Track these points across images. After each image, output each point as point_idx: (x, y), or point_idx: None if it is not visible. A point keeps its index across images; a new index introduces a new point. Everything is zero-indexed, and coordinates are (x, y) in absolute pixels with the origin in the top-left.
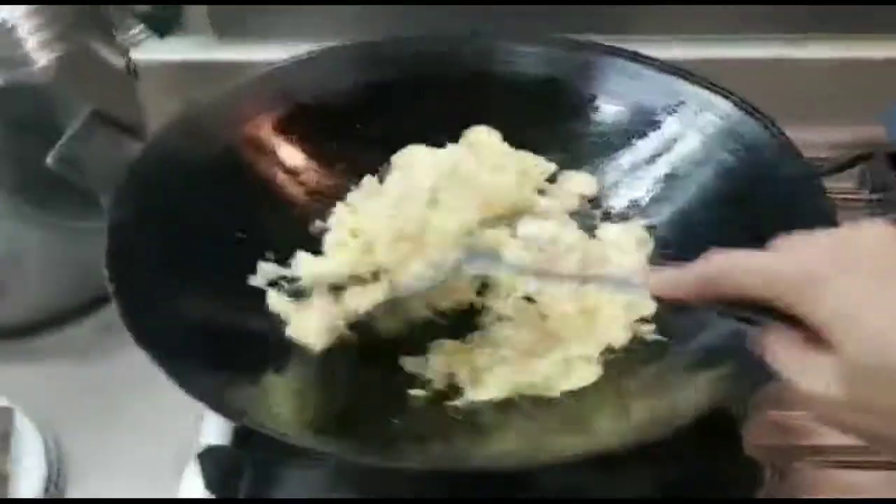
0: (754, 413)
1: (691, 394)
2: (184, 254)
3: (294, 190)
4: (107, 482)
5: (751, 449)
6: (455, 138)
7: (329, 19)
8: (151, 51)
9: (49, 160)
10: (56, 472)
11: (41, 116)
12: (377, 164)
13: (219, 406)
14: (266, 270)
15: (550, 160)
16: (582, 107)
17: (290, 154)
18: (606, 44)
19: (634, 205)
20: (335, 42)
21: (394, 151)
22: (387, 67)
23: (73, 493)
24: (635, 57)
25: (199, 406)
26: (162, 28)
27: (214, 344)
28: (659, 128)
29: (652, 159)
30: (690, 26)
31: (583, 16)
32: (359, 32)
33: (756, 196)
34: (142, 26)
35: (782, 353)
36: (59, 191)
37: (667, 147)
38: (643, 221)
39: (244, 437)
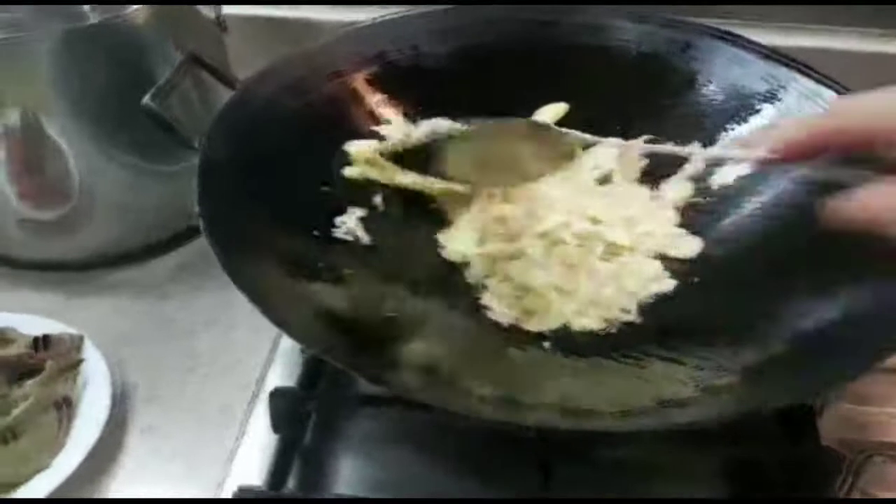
0: (832, 406)
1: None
2: (270, 200)
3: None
4: (170, 416)
5: (828, 440)
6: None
7: None
8: (240, 5)
9: (144, 101)
10: (119, 401)
11: (132, 57)
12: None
13: (298, 335)
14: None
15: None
16: (680, 87)
17: (379, 111)
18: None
19: (727, 190)
20: (418, 7)
21: (483, 116)
22: (481, 33)
23: (135, 425)
24: (738, 40)
25: (268, 349)
26: None
27: (297, 280)
28: (758, 114)
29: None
30: (793, 14)
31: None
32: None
33: None
34: None
35: (879, 201)
36: (145, 130)
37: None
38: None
39: (312, 380)
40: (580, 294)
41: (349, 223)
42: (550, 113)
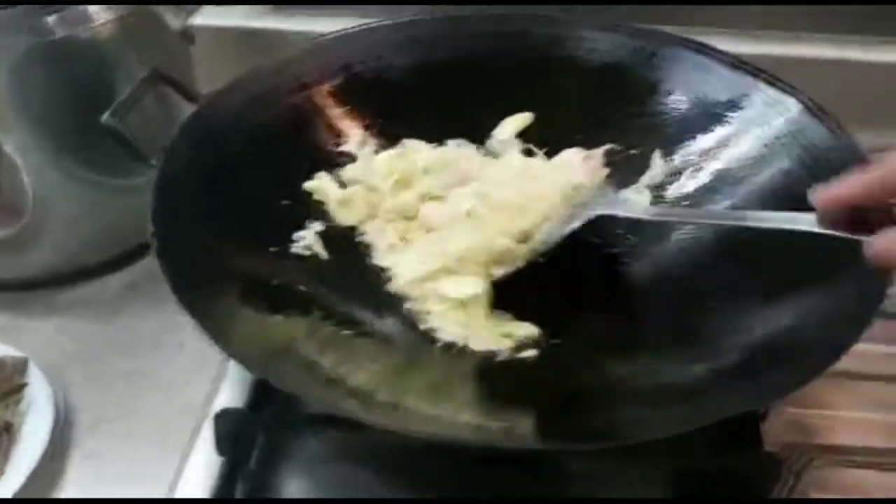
0: (776, 410)
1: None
2: (228, 215)
3: (343, 160)
4: (115, 439)
5: (770, 445)
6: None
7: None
8: (208, 16)
9: (105, 117)
10: (62, 425)
11: (95, 72)
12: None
13: (242, 359)
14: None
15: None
16: (644, 95)
17: (342, 124)
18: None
19: (684, 200)
20: (386, 19)
21: (447, 129)
22: (445, 45)
23: (78, 450)
24: (702, 49)
25: (216, 369)
26: None
27: (251, 301)
28: (721, 122)
29: (710, 154)
30: (759, 21)
31: (650, 6)
32: (411, 12)
33: None
34: None
35: None
36: (104, 147)
37: (726, 143)
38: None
39: (259, 401)
40: None
41: (307, 238)
42: (515, 123)
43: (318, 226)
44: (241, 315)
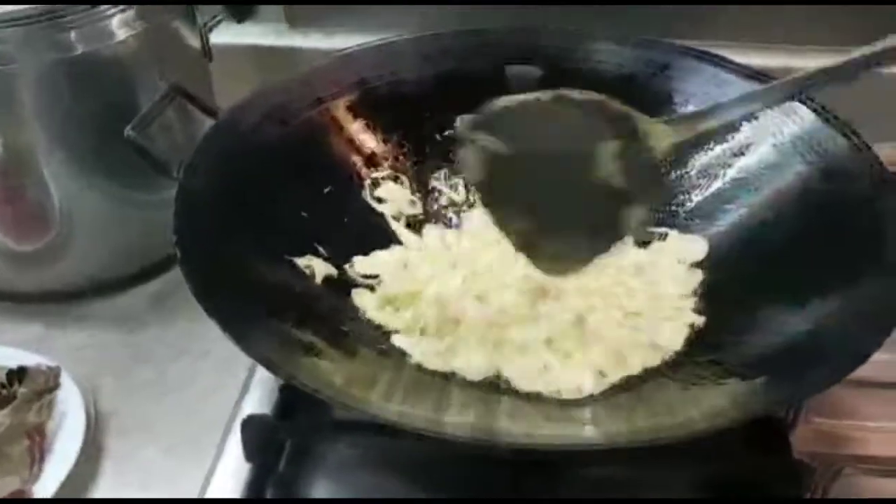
0: (804, 419)
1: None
2: (248, 225)
3: (360, 173)
4: (145, 445)
5: (799, 455)
6: None
7: (398, 15)
8: (226, 34)
9: (128, 131)
10: (94, 431)
11: (117, 87)
12: (444, 153)
13: (267, 363)
14: (319, 268)
15: None
16: (658, 107)
17: (359, 138)
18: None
19: (700, 208)
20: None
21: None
22: (460, 59)
23: (110, 454)
24: (716, 60)
25: (242, 377)
26: (240, 13)
27: (274, 309)
28: (736, 132)
29: (725, 164)
30: (771, 34)
31: (662, 17)
32: (424, 29)
33: (832, 208)
34: (221, 9)
35: None
36: (127, 160)
37: (741, 151)
38: (708, 227)
39: (288, 408)
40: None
41: (318, 266)
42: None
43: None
44: (266, 322)
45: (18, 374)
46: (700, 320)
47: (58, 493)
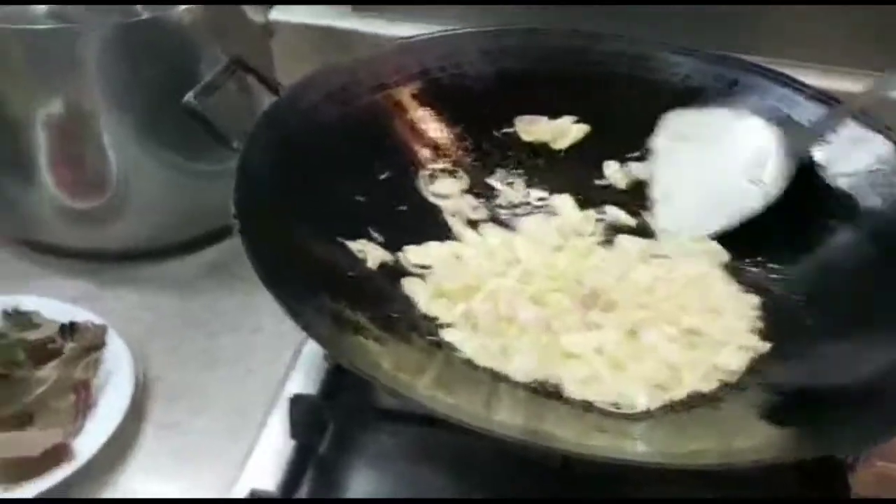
0: (866, 462)
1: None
2: (305, 204)
3: (419, 162)
4: (189, 413)
5: (856, 496)
6: None
7: (460, 9)
8: (288, 12)
9: (186, 100)
10: (140, 395)
11: (178, 56)
12: (503, 152)
13: (323, 341)
14: (372, 252)
15: None
16: None
17: (422, 126)
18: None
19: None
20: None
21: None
22: (527, 57)
23: (153, 419)
24: (787, 80)
25: (291, 354)
26: None
27: (328, 289)
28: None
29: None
30: (845, 58)
31: (732, 32)
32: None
33: None
34: None
35: None
36: (186, 128)
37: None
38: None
39: (333, 389)
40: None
41: (373, 251)
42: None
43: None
44: (320, 300)
45: (70, 329)
46: (763, 346)
47: (99, 454)
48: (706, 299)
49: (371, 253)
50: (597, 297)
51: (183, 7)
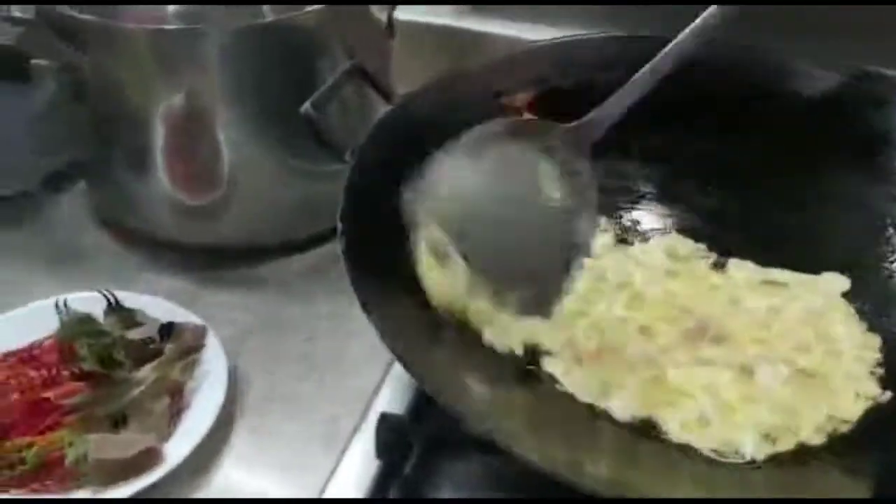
0: None
1: None
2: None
3: None
4: (280, 418)
5: None
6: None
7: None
8: (409, 12)
9: (304, 108)
10: (234, 396)
11: (300, 58)
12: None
13: (414, 370)
14: None
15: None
16: (870, 146)
17: None
18: None
19: None
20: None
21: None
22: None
23: (245, 422)
24: None
25: (381, 371)
26: None
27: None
28: None
29: None
30: None
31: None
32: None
33: None
34: None
35: None
36: (299, 131)
37: None
38: None
39: (421, 409)
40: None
41: None
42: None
43: None
44: (417, 323)
45: (168, 330)
46: (885, 396)
47: (191, 455)
48: (824, 336)
49: None
50: (705, 328)
51: (309, 8)
